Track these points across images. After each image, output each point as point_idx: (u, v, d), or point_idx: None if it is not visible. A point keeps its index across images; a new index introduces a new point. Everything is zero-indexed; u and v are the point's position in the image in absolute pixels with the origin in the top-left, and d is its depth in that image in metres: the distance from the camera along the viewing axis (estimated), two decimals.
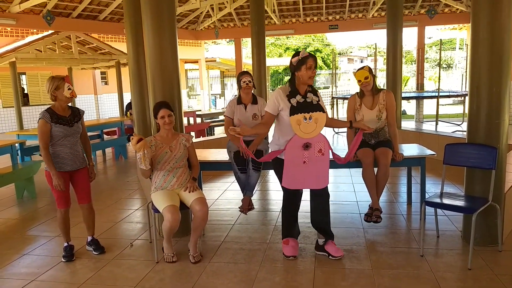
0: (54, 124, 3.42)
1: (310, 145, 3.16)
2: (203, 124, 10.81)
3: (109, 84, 17.05)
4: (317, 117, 3.15)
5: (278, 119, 3.30)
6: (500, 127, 3.37)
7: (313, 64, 3.17)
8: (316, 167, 3.22)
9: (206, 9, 11.98)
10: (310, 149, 3.17)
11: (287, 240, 3.49)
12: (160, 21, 3.75)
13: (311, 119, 3.14)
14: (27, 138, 7.20)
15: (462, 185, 3.74)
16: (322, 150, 3.19)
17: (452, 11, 11.65)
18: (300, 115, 3.12)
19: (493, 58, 3.31)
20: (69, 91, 3.43)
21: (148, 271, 3.33)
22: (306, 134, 3.14)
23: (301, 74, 3.19)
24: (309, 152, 3.17)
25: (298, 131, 3.14)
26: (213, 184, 6.06)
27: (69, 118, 3.51)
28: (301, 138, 3.15)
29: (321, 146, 3.19)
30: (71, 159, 3.53)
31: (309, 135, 3.15)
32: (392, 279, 3.04)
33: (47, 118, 3.41)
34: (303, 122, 3.13)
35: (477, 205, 3.24)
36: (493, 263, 3.22)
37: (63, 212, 3.59)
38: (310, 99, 3.21)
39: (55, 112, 3.47)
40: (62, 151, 3.49)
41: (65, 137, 3.48)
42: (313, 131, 3.15)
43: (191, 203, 3.39)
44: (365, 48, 39.60)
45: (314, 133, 3.16)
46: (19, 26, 10.04)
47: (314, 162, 3.20)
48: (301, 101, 3.18)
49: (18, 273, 3.40)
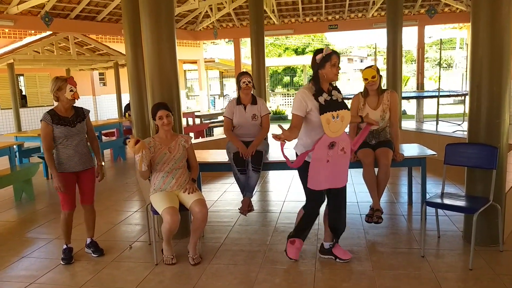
0: (55, 125, 3.41)
1: (335, 144, 3.07)
2: (202, 125, 10.79)
3: (107, 85, 17.01)
4: (343, 115, 3.06)
5: (305, 121, 3.14)
6: (501, 126, 3.36)
7: (337, 61, 3.06)
8: (338, 165, 3.15)
9: (205, 9, 11.95)
10: (334, 148, 3.08)
11: (294, 240, 3.40)
12: (159, 21, 3.73)
13: (338, 118, 3.04)
14: (25, 140, 7.18)
15: (463, 185, 3.72)
16: (344, 149, 3.12)
17: (452, 11, 11.64)
18: (329, 113, 3.01)
19: (493, 58, 3.30)
20: (70, 93, 3.41)
21: (147, 273, 3.30)
22: (333, 133, 3.04)
23: (326, 71, 3.06)
24: (333, 151, 3.09)
25: (328, 130, 3.02)
26: (213, 185, 6.04)
27: (71, 119, 3.49)
28: (329, 138, 3.05)
29: (344, 144, 3.12)
30: (76, 160, 3.52)
31: (336, 134, 3.05)
32: (393, 279, 3.03)
33: (48, 120, 3.40)
34: (332, 121, 3.02)
35: (478, 205, 3.23)
36: (494, 263, 3.20)
37: (67, 214, 3.57)
38: (336, 97, 3.12)
39: (57, 113, 3.45)
40: (66, 152, 3.48)
41: (68, 138, 3.46)
42: (339, 129, 3.07)
43: (190, 204, 3.37)
44: (365, 48, 39.59)
45: (340, 131, 3.08)
46: (17, 28, 10.00)
47: (336, 161, 3.12)
48: (328, 99, 3.07)
49: (17, 275, 3.38)
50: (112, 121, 9.20)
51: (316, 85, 3.11)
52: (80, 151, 3.55)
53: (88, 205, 3.70)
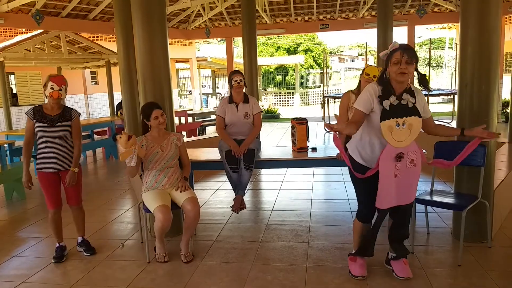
0: (36, 121, 3.42)
1: (402, 155, 2.70)
2: (194, 124, 10.77)
3: (99, 84, 16.89)
4: (411, 123, 2.68)
5: (368, 118, 2.80)
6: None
7: (399, 58, 2.62)
8: (408, 180, 2.78)
9: (197, 8, 11.94)
10: (402, 161, 2.71)
11: (354, 257, 3.11)
12: (151, 20, 3.73)
13: (405, 125, 2.67)
14: (16, 139, 7.11)
15: (452, 182, 3.77)
16: (414, 161, 2.75)
17: (441, 11, 11.75)
18: (392, 120, 2.66)
19: (482, 57, 3.35)
20: (50, 90, 3.37)
21: (139, 271, 3.31)
22: (398, 142, 2.69)
23: (389, 70, 2.72)
24: (401, 163, 2.72)
25: (390, 139, 2.67)
26: (205, 183, 6.04)
27: (53, 117, 3.46)
28: (394, 148, 2.69)
29: (414, 156, 2.75)
30: (54, 160, 3.47)
31: (402, 144, 2.69)
32: (383, 276, 3.06)
33: (29, 115, 3.45)
34: (395, 129, 2.67)
35: (467, 202, 3.28)
36: (483, 259, 3.26)
37: (52, 213, 3.55)
38: (406, 101, 2.71)
39: (41, 110, 3.45)
40: (44, 150, 3.47)
41: (44, 136, 3.44)
42: (406, 139, 2.70)
43: (182, 202, 3.38)
44: (356, 47, 39.77)
45: (408, 141, 2.70)
46: (8, 26, 9.93)
47: (405, 175, 2.75)
48: (395, 103, 2.69)
49: (7, 275, 3.36)
50: (104, 120, 9.15)
51: (383, 85, 2.75)
52: (58, 152, 3.47)
53: (74, 206, 3.66)
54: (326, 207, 4.71)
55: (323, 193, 5.33)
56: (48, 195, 3.50)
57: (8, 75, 13.03)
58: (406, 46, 2.69)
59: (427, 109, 2.84)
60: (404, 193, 2.81)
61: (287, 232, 3.99)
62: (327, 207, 4.72)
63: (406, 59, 2.62)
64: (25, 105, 14.47)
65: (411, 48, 2.69)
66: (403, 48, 2.66)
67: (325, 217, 4.38)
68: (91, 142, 8.35)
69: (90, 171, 7.44)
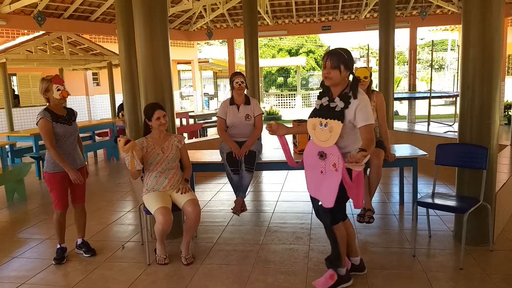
0: (55, 123, 3.41)
1: (325, 155, 2.79)
2: (195, 125, 10.78)
3: (101, 85, 16.91)
4: (332, 126, 2.73)
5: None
6: (491, 127, 3.40)
7: (324, 63, 2.75)
8: (331, 180, 2.79)
9: (199, 10, 11.95)
10: (326, 160, 2.79)
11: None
12: (152, 21, 3.73)
13: (327, 126, 2.75)
14: (18, 140, 7.13)
15: (454, 185, 3.75)
16: (336, 165, 2.76)
17: (443, 13, 11.73)
18: (317, 119, 2.81)
19: (484, 59, 3.33)
20: (58, 92, 3.38)
21: (139, 273, 3.30)
22: (321, 141, 2.79)
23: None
24: (325, 163, 2.80)
25: (313, 136, 2.85)
26: (206, 185, 6.04)
27: (66, 117, 3.50)
28: (316, 145, 2.83)
29: (336, 161, 2.75)
30: (71, 159, 3.51)
31: (323, 144, 2.79)
32: (385, 279, 3.05)
33: (48, 117, 3.38)
34: (318, 128, 2.79)
35: (469, 205, 3.26)
36: (484, 263, 3.24)
37: (59, 214, 3.56)
38: (335, 104, 2.76)
39: (53, 112, 3.44)
40: (62, 151, 3.46)
41: (65, 136, 3.46)
42: (327, 140, 2.76)
43: (183, 204, 3.37)
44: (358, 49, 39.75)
45: (329, 142, 2.75)
46: (10, 27, 9.94)
47: (329, 175, 2.80)
48: (324, 104, 2.81)
49: (7, 276, 3.36)
50: (106, 121, 9.16)
51: (323, 87, 2.89)
52: (74, 150, 3.56)
53: (80, 204, 3.70)
54: None
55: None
56: (59, 196, 3.50)
57: (10, 76, 13.08)
58: (333, 51, 2.75)
59: (359, 118, 2.70)
60: (325, 192, 2.82)
61: (288, 235, 3.97)
62: None
63: (330, 65, 2.69)
64: (27, 106, 14.50)
65: (338, 53, 2.72)
66: (329, 53, 2.74)
67: None
68: (93, 144, 8.35)
69: (91, 173, 7.44)
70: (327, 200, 2.81)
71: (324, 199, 2.84)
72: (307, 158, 2.93)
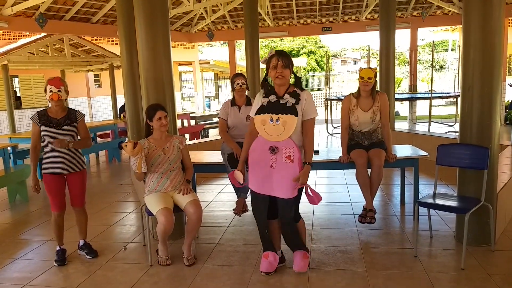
0: (42, 125, 3.44)
1: (276, 149, 2.93)
2: (197, 126, 10.79)
3: (102, 87, 16.95)
4: (285, 120, 2.88)
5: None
6: (492, 127, 3.40)
7: (276, 63, 2.92)
8: (283, 172, 2.95)
9: (200, 12, 11.97)
10: (277, 154, 2.93)
11: (266, 253, 3.24)
12: (154, 23, 3.74)
13: (278, 121, 2.90)
14: (20, 142, 7.15)
15: (455, 185, 3.76)
16: (291, 157, 2.91)
17: (444, 13, 11.74)
18: (266, 115, 2.94)
19: (485, 59, 3.34)
20: (49, 94, 3.38)
21: (141, 274, 3.31)
22: (272, 136, 2.93)
23: (269, 74, 3.03)
24: (276, 156, 2.94)
25: (263, 132, 2.96)
26: (207, 186, 6.05)
27: (59, 121, 3.48)
28: (266, 140, 2.96)
29: (290, 152, 2.91)
30: (61, 163, 3.49)
31: (275, 138, 2.92)
32: (386, 279, 3.05)
33: (35, 120, 3.45)
34: (269, 123, 2.93)
35: (470, 205, 3.26)
36: (486, 263, 3.24)
37: (56, 215, 3.56)
38: (286, 100, 2.95)
39: (46, 114, 3.46)
40: (51, 153, 3.48)
41: (50, 139, 3.45)
42: (280, 134, 2.91)
43: (185, 205, 3.38)
44: (359, 50, 39.75)
45: (282, 136, 2.91)
46: (12, 29, 9.97)
47: (281, 168, 2.95)
48: (272, 100, 2.97)
49: (10, 277, 3.37)
50: (107, 123, 9.18)
51: (265, 88, 3.07)
52: (65, 154, 3.50)
53: (78, 207, 3.68)
54: (328, 210, 4.70)
55: (326, 196, 5.31)
56: (53, 197, 3.51)
57: (12, 78, 13.11)
58: (282, 52, 2.98)
59: (309, 110, 2.98)
60: (280, 186, 2.97)
61: None
62: (330, 210, 4.71)
63: (282, 64, 2.90)
64: (29, 108, 14.54)
65: (287, 54, 3.01)
66: (279, 54, 2.94)
67: (328, 220, 4.37)
68: (94, 145, 8.37)
69: (93, 174, 7.45)
70: (285, 192, 2.97)
71: (281, 192, 2.98)
72: (254, 154, 3.04)
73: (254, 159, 3.05)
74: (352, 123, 4.16)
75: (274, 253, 3.23)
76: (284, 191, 2.97)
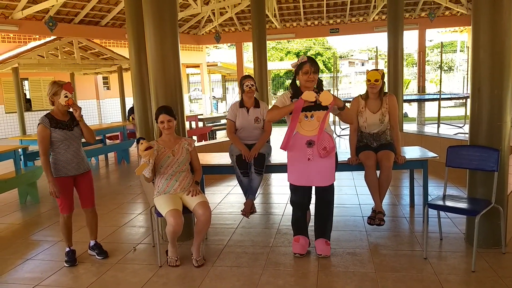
0: (53, 129, 3.45)
1: (313, 142, 3.31)
2: (205, 128, 10.83)
3: (111, 89, 17.10)
4: (319, 115, 3.31)
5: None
6: (502, 129, 3.37)
7: (309, 69, 3.32)
8: (321, 163, 3.35)
9: (208, 14, 12.03)
10: (314, 147, 3.32)
11: (297, 237, 3.59)
12: (162, 26, 3.77)
13: (313, 117, 3.32)
14: (30, 143, 7.23)
15: (465, 187, 3.74)
16: (327, 148, 3.31)
17: (452, 14, 11.67)
18: (301, 113, 3.29)
19: (494, 60, 3.31)
20: (65, 99, 3.41)
21: (151, 275, 3.33)
22: (308, 131, 3.33)
23: (299, 78, 3.43)
24: (312, 149, 3.33)
25: (299, 128, 3.35)
26: (216, 188, 6.06)
27: (68, 123, 3.52)
28: (303, 136, 3.34)
29: (326, 144, 3.32)
30: (74, 164, 3.54)
31: (310, 133, 3.33)
32: (396, 282, 3.04)
33: (46, 123, 3.43)
34: (304, 120, 3.33)
35: (480, 207, 3.24)
36: (496, 265, 3.21)
37: (65, 217, 3.60)
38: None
39: (54, 117, 3.49)
40: (63, 156, 3.50)
41: (65, 141, 3.49)
42: (315, 128, 3.31)
43: (194, 207, 3.40)
44: (366, 51, 39.62)
45: (317, 130, 3.31)
46: (22, 32, 10.11)
47: (319, 160, 3.34)
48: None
49: (21, 278, 3.41)
50: (116, 125, 9.24)
51: (294, 90, 3.49)
52: (78, 155, 3.57)
53: (89, 208, 3.72)
54: (337, 212, 4.68)
55: (334, 198, 5.29)
56: (64, 199, 3.55)
57: (22, 80, 13.26)
58: (312, 59, 3.39)
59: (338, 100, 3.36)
60: (319, 175, 3.38)
61: None
62: (338, 212, 4.69)
63: (313, 70, 3.33)
64: (39, 110, 14.70)
65: (316, 61, 3.44)
66: (310, 61, 3.36)
67: (336, 222, 4.35)
68: (103, 147, 8.44)
69: (102, 176, 7.51)
70: (327, 178, 3.41)
71: (323, 180, 3.40)
72: (292, 152, 3.40)
73: (293, 155, 3.41)
74: (360, 125, 4.15)
75: (304, 237, 3.59)
76: (324, 179, 3.40)
